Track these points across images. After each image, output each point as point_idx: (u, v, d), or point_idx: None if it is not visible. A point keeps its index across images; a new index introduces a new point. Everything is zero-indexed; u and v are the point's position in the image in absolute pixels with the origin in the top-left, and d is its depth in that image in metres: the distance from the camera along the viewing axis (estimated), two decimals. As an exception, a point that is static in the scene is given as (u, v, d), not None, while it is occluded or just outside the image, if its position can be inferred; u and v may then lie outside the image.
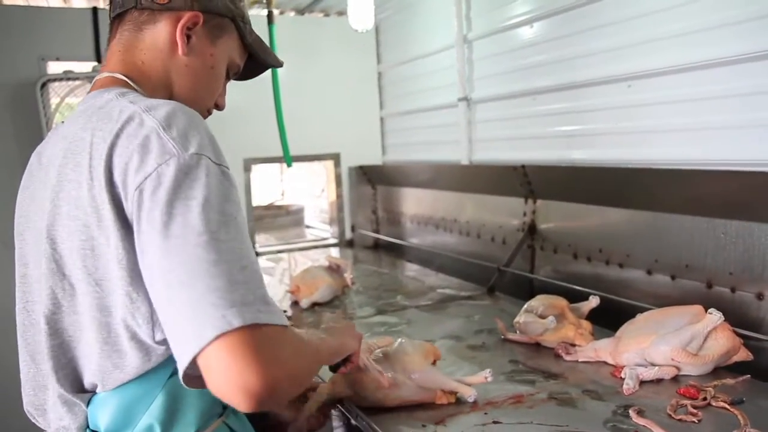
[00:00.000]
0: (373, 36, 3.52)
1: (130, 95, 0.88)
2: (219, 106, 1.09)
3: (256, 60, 1.11)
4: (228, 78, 1.09)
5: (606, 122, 2.02)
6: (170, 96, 0.98)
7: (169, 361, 0.83)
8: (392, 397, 1.25)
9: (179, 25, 0.95)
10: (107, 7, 1.09)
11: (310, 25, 3.46)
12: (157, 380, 0.85)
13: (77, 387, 0.88)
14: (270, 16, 2.74)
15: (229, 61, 1.05)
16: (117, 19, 0.98)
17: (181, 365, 0.71)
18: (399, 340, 1.33)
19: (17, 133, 2.74)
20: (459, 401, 1.29)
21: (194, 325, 0.69)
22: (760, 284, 1.48)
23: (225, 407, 0.96)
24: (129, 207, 0.77)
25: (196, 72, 0.99)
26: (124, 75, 0.95)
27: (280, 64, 1.15)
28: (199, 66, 0.99)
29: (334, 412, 1.33)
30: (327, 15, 3.51)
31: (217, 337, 0.68)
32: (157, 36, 0.96)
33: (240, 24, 1.04)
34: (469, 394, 1.28)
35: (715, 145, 1.66)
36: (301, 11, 3.42)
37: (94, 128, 0.83)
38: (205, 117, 1.04)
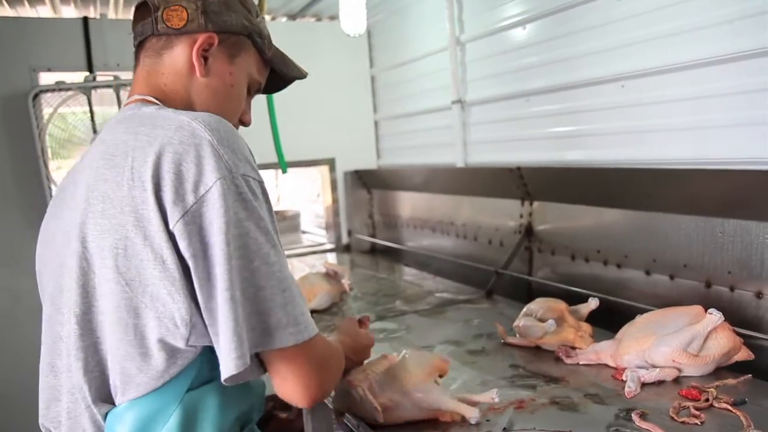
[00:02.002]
0: (365, 40, 3.51)
1: (168, 109, 0.92)
2: (244, 123, 1.11)
3: (278, 73, 1.14)
4: (251, 94, 1.11)
5: (600, 123, 2.02)
6: None
7: (187, 374, 0.85)
8: (391, 419, 1.19)
9: (195, 48, 0.98)
10: (98, 17, 1.11)
11: (303, 29, 3.45)
12: (174, 394, 0.85)
13: (103, 393, 0.88)
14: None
15: (249, 78, 1.07)
16: (139, 47, 1.02)
17: (230, 371, 0.80)
18: (403, 352, 1.27)
19: (10, 145, 2.72)
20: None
21: (238, 345, 0.80)
22: (758, 283, 1.48)
23: (243, 427, 0.97)
24: (183, 214, 0.80)
25: (216, 92, 1.01)
26: (152, 96, 0.97)
27: (304, 76, 1.18)
28: (219, 86, 1.01)
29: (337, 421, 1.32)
30: (319, 19, 3.50)
31: (273, 352, 0.85)
32: (176, 60, 0.99)
33: (257, 40, 1.06)
34: (471, 416, 1.20)
35: (711, 143, 1.66)
36: (293, 16, 3.42)
37: (137, 132, 0.86)
38: None
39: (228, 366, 0.80)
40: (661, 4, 1.73)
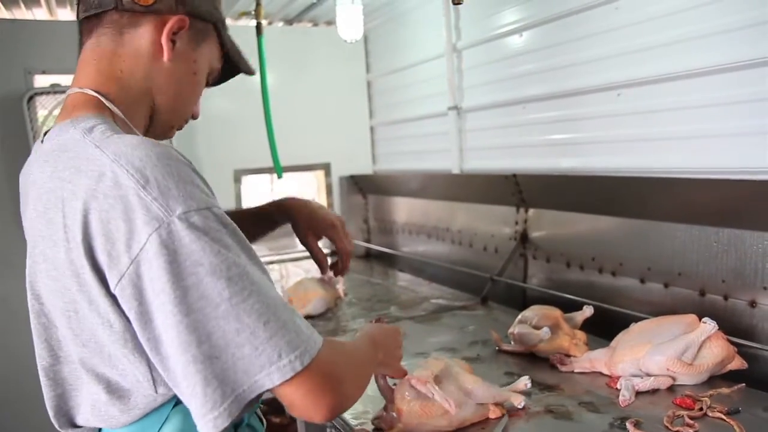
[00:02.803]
0: (362, 45, 3.52)
1: (97, 131, 0.80)
2: (194, 116, 1.03)
3: (231, 66, 1.06)
4: (206, 85, 1.03)
5: (596, 131, 2.03)
6: (151, 106, 0.93)
7: (173, 396, 0.82)
8: (455, 420, 1.23)
9: (166, 30, 0.89)
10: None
11: (299, 35, 3.45)
12: (162, 411, 0.83)
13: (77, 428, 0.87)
14: (259, 27, 2.73)
15: (209, 67, 1.00)
16: (91, 20, 0.89)
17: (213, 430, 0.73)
18: (445, 359, 1.32)
19: (3, 147, 2.71)
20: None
21: (214, 404, 0.72)
22: (752, 292, 1.48)
23: (237, 427, 0.94)
24: (120, 277, 0.72)
25: (179, 79, 0.93)
26: (97, 91, 0.87)
27: (252, 72, 1.11)
28: (183, 73, 0.94)
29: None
30: (316, 25, 3.50)
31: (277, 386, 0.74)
32: (139, 41, 0.89)
33: (221, 29, 0.99)
34: (519, 401, 1.29)
35: (706, 153, 1.67)
36: (289, 21, 3.42)
37: (62, 179, 0.77)
38: (182, 127, 1.01)
39: (205, 428, 0.72)
40: (659, 13, 1.74)
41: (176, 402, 0.83)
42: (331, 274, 1.41)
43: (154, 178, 0.73)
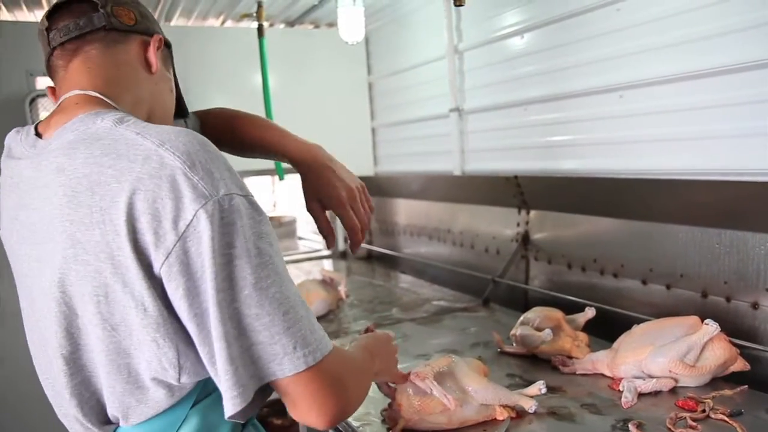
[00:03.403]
0: (363, 47, 3.52)
1: (129, 121, 0.82)
2: None
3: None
4: None
5: (598, 132, 2.03)
6: (148, 113, 0.98)
7: (192, 392, 0.84)
8: (456, 419, 1.23)
9: (152, 47, 0.97)
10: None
11: (301, 36, 3.46)
12: (180, 412, 0.84)
13: (102, 419, 0.87)
14: (260, 29, 2.74)
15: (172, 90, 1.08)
16: (73, 42, 0.92)
17: (232, 410, 0.76)
18: (452, 357, 1.32)
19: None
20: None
21: (234, 383, 0.75)
22: (755, 293, 1.48)
23: (244, 427, 0.95)
24: (168, 255, 0.74)
25: (163, 92, 1.02)
26: (99, 93, 0.89)
27: (185, 115, 1.22)
28: (165, 87, 1.02)
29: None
30: (317, 27, 3.50)
31: (287, 378, 0.77)
32: (128, 55, 0.96)
33: (171, 50, 1.08)
34: (530, 405, 1.27)
35: (708, 154, 1.66)
36: (291, 23, 3.42)
37: (100, 164, 0.77)
38: None
39: (227, 405, 0.76)
40: (660, 14, 1.74)
41: (195, 402, 0.84)
42: (333, 276, 1.39)
43: (199, 161, 0.76)
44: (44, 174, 0.84)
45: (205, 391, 0.86)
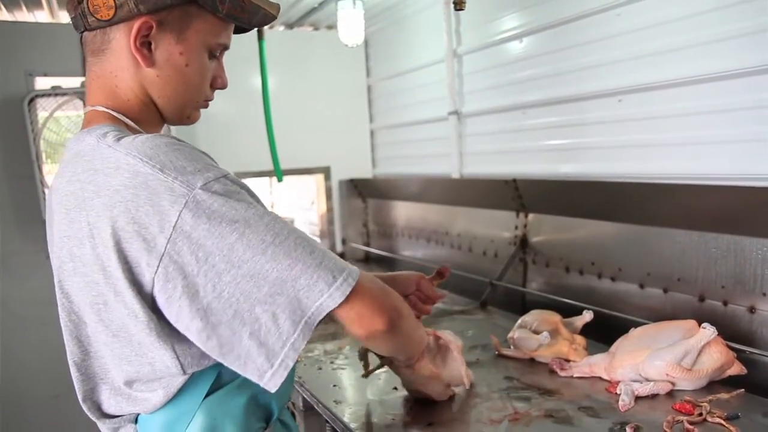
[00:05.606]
0: (362, 50, 3.53)
1: (110, 135, 0.83)
2: (221, 87, 0.98)
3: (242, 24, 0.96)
4: (220, 57, 0.97)
5: (597, 136, 2.03)
6: (158, 110, 0.93)
7: (205, 381, 0.87)
8: (446, 394, 1.39)
9: (132, 38, 0.85)
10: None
11: (300, 39, 3.46)
12: (193, 402, 0.87)
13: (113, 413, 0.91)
14: (260, 31, 2.73)
15: (207, 47, 0.92)
16: (82, 43, 0.92)
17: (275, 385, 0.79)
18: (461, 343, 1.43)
19: (4, 149, 2.71)
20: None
21: (269, 355, 0.78)
22: (751, 297, 1.49)
23: (268, 421, 0.97)
24: (161, 258, 0.76)
25: (169, 80, 0.90)
26: (106, 107, 0.90)
27: (272, 17, 0.98)
28: (172, 72, 0.90)
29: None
30: (317, 29, 3.51)
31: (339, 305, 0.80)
32: (119, 56, 0.88)
33: (205, 1, 0.88)
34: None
35: (706, 159, 1.67)
36: (290, 25, 3.42)
37: (81, 181, 0.82)
38: (204, 106, 0.98)
39: (287, 357, 0.78)
40: (660, 20, 1.75)
41: (205, 395, 0.87)
42: None
43: (169, 160, 0.78)
44: (51, 191, 0.93)
45: (218, 383, 0.89)
